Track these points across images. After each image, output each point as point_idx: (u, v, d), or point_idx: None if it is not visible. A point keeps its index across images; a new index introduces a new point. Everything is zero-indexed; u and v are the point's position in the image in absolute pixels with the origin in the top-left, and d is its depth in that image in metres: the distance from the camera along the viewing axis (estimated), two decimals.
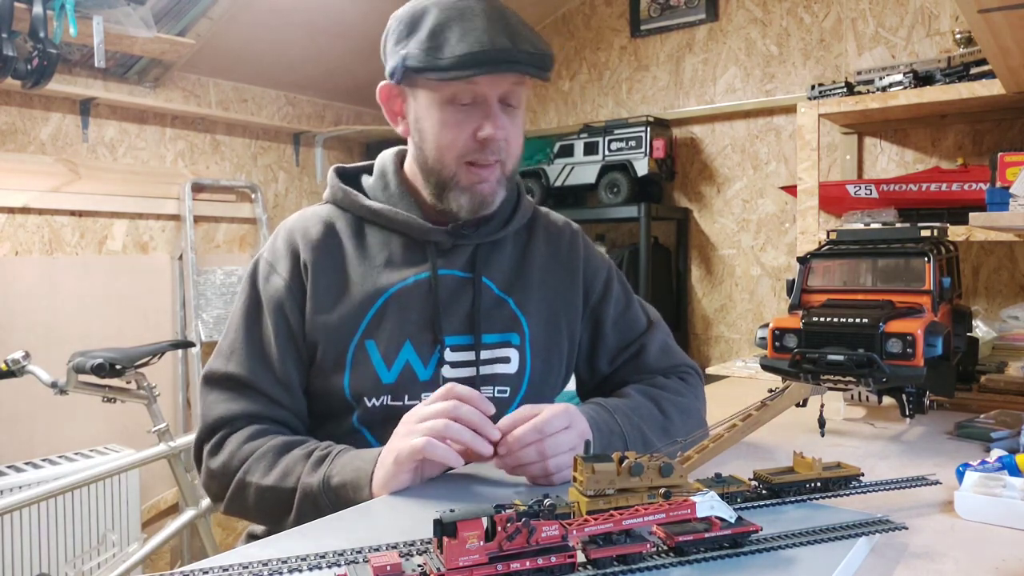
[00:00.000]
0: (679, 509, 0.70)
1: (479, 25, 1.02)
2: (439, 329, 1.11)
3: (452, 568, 0.61)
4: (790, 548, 0.72)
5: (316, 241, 1.13)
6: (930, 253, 1.24)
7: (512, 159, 1.13)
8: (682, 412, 1.15)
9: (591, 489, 0.73)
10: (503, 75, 1.05)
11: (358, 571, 0.64)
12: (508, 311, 1.17)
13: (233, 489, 1.05)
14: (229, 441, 1.07)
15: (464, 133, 1.07)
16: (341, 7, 2.90)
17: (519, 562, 0.63)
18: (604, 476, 0.73)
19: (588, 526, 0.66)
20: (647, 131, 2.89)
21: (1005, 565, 0.73)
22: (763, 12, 2.98)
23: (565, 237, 1.27)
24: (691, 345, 3.19)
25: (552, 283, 1.22)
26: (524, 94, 1.12)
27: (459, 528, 0.61)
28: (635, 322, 1.26)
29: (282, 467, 1.01)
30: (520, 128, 1.13)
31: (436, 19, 1.04)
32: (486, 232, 1.18)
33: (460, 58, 1.01)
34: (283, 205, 3.35)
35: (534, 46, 1.05)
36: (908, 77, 2.23)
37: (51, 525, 2.28)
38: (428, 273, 1.13)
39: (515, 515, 0.63)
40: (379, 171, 1.20)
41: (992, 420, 1.22)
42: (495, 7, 1.06)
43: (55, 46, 2.23)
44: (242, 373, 1.09)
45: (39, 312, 2.51)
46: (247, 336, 1.11)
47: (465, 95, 1.06)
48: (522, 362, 1.16)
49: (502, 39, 1.02)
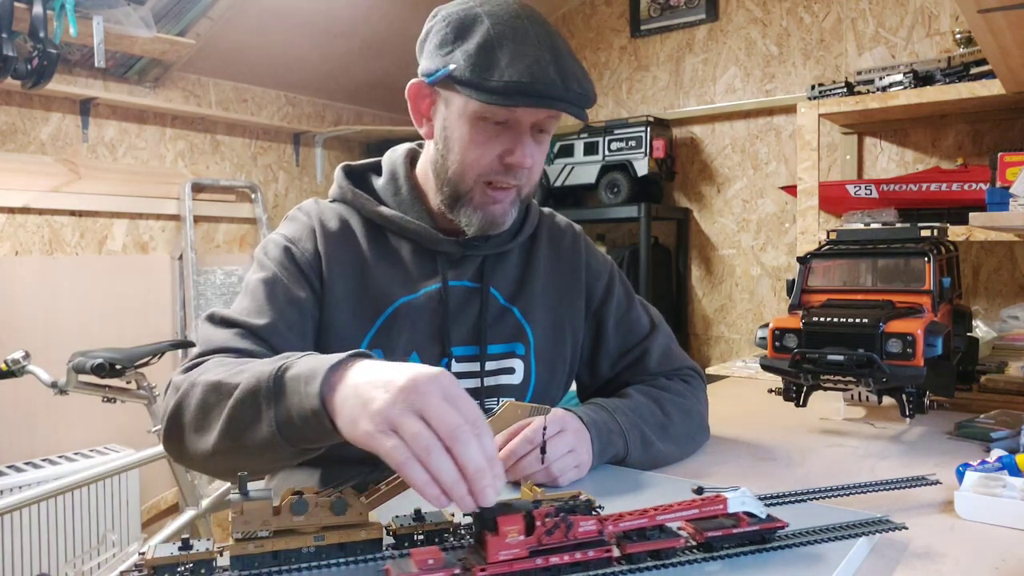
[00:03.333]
0: (711, 505, 0.70)
1: (531, 52, 0.98)
2: (447, 340, 1.10)
3: (493, 562, 0.62)
4: (790, 548, 0.72)
5: (335, 234, 1.10)
6: (930, 253, 1.24)
7: (530, 185, 1.11)
8: (683, 413, 1.14)
9: (239, 532, 0.64)
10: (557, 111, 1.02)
11: (401, 566, 0.64)
12: (513, 320, 1.16)
13: (179, 396, 0.88)
14: (207, 360, 0.93)
15: (491, 153, 1.04)
16: (341, 7, 2.90)
17: (558, 556, 0.64)
18: (256, 516, 0.65)
19: (623, 522, 0.67)
20: (647, 131, 2.89)
21: (1005, 565, 0.73)
22: (763, 12, 2.98)
23: (567, 240, 1.26)
24: (691, 345, 3.19)
25: (555, 288, 1.21)
26: (555, 124, 1.09)
27: (500, 523, 0.62)
28: (637, 325, 1.25)
29: (240, 367, 0.84)
30: (545, 155, 1.11)
31: (488, 33, 1.00)
32: (496, 243, 1.16)
33: (507, 84, 0.97)
34: (283, 205, 3.35)
35: (581, 85, 1.02)
36: (908, 77, 2.23)
37: (51, 525, 2.28)
38: (439, 284, 1.11)
39: (553, 510, 0.64)
40: (389, 173, 1.17)
41: (992, 420, 1.22)
42: (549, 33, 1.02)
43: (55, 46, 2.23)
44: (252, 322, 1.00)
45: (39, 312, 2.51)
46: (270, 295, 1.03)
47: (500, 115, 1.02)
48: (527, 373, 1.16)
49: (553, 73, 0.98)
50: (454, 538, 0.73)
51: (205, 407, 0.84)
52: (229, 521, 0.65)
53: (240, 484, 0.66)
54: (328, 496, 0.68)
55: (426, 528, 0.72)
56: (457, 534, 0.73)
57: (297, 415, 0.75)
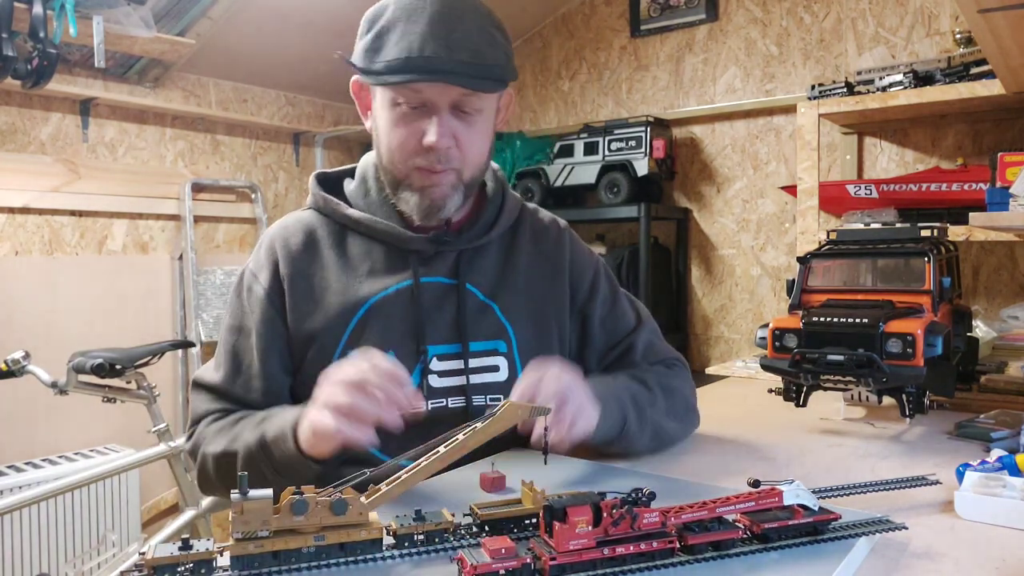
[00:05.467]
0: (767, 498, 0.73)
1: (418, 29, 1.00)
2: (422, 338, 1.10)
3: (563, 551, 0.64)
4: (791, 548, 0.72)
5: (295, 251, 1.13)
6: (930, 253, 1.24)
7: (470, 167, 1.10)
8: (666, 390, 1.15)
9: (239, 531, 0.65)
10: (445, 84, 1.01)
11: (474, 555, 0.65)
12: (493, 318, 1.15)
13: (198, 464, 1.09)
14: (203, 426, 1.10)
15: (412, 137, 1.05)
16: (341, 7, 2.90)
17: (624, 547, 0.66)
18: (256, 516, 0.65)
19: (684, 513, 0.69)
20: (647, 131, 2.89)
21: (1005, 565, 0.73)
22: (763, 12, 2.98)
23: (551, 235, 1.24)
24: (691, 345, 3.19)
25: (538, 285, 1.20)
26: (482, 102, 1.07)
27: (569, 513, 0.64)
28: (623, 321, 1.25)
29: (233, 433, 1.04)
30: (481, 135, 1.10)
31: (387, 19, 1.03)
32: (469, 238, 1.16)
33: (389, 63, 1.00)
34: (283, 205, 3.35)
35: (474, 55, 1.01)
36: (908, 77, 2.23)
37: (51, 525, 2.28)
38: (410, 281, 1.11)
39: (619, 501, 0.66)
40: (360, 176, 1.19)
41: (992, 420, 1.22)
42: (451, 8, 1.02)
43: (55, 46, 2.23)
44: (225, 386, 1.12)
45: (39, 312, 2.51)
46: (231, 350, 1.13)
47: (412, 99, 1.03)
48: (511, 370, 1.14)
49: (437, 46, 0.99)
50: (454, 538, 0.73)
51: (221, 470, 1.05)
52: (229, 521, 0.65)
53: (240, 484, 0.66)
54: (328, 496, 0.68)
55: (426, 528, 0.72)
56: (457, 534, 0.73)
57: (286, 465, 0.96)
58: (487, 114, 1.10)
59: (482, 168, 1.15)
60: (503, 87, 1.09)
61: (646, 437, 1.09)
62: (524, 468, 0.99)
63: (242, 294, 1.14)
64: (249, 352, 1.11)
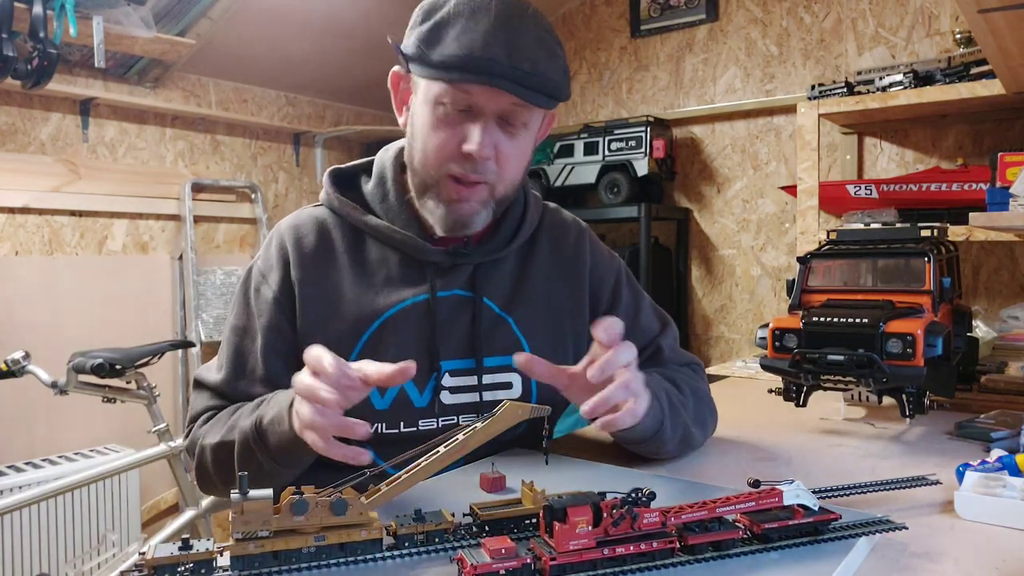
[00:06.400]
0: (767, 498, 0.73)
1: (482, 28, 0.94)
2: (436, 354, 1.06)
3: (563, 552, 0.64)
4: (791, 548, 0.72)
5: (308, 253, 1.08)
6: (930, 253, 1.24)
7: (505, 184, 1.04)
8: (695, 394, 1.12)
9: (239, 532, 0.65)
10: (497, 91, 0.95)
11: (474, 555, 0.65)
12: (508, 331, 1.11)
13: (196, 459, 1.05)
14: (201, 423, 1.08)
15: (452, 140, 0.99)
16: (341, 7, 2.90)
17: (624, 547, 0.66)
18: (256, 516, 0.65)
19: (684, 514, 0.69)
20: (647, 131, 2.89)
21: (1005, 565, 0.73)
22: (763, 12, 2.98)
23: (571, 239, 1.20)
24: (691, 345, 3.19)
25: (556, 295, 1.15)
26: (530, 116, 1.01)
27: (569, 514, 0.64)
28: (648, 329, 1.20)
29: (230, 422, 1.01)
30: (521, 151, 1.04)
31: (448, 11, 0.96)
32: (488, 250, 1.11)
33: (446, 59, 0.94)
34: (283, 205, 3.35)
35: (535, 67, 0.95)
36: (908, 77, 2.23)
37: (51, 525, 2.28)
38: (427, 295, 1.07)
39: (619, 501, 0.66)
40: (378, 176, 1.12)
41: (992, 420, 1.22)
42: (516, 12, 0.96)
43: (55, 46, 2.23)
44: (226, 387, 1.08)
45: (39, 312, 2.51)
46: (234, 351, 1.09)
47: (459, 101, 0.97)
48: (526, 386, 1.10)
49: (498, 49, 0.93)
50: (454, 538, 0.73)
51: (218, 463, 1.01)
52: (229, 521, 0.65)
53: (240, 484, 0.66)
54: (328, 496, 0.68)
55: (426, 528, 0.71)
56: (457, 534, 0.73)
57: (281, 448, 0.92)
58: (531, 130, 1.05)
59: (515, 187, 1.08)
60: (555, 104, 1.02)
61: (676, 439, 1.05)
62: (524, 468, 0.99)
63: (249, 293, 1.09)
64: (253, 355, 1.07)
